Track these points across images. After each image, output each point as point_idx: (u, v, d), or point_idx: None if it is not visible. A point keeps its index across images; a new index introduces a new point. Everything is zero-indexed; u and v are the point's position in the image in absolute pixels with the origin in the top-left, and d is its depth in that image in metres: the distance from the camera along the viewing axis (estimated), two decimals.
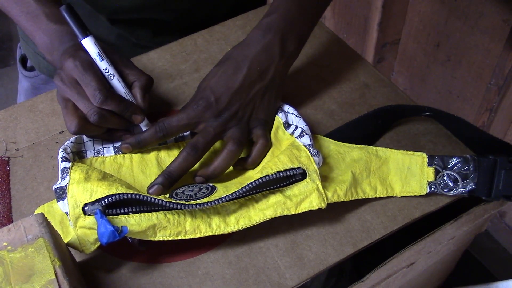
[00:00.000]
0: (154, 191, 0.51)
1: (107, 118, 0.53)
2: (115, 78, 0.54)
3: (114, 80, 0.54)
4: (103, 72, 0.54)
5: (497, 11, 0.95)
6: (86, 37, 0.53)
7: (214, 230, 0.49)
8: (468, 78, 1.10)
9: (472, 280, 0.86)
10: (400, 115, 0.62)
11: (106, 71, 0.54)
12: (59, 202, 0.48)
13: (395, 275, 0.54)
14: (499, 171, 0.54)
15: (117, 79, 0.54)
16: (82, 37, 0.53)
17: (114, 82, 0.54)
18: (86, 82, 0.52)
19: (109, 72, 0.54)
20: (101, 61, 0.53)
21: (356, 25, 1.32)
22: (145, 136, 0.55)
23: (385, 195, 0.55)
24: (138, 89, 0.56)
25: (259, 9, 0.78)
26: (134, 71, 0.56)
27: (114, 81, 0.54)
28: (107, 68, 0.54)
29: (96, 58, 0.53)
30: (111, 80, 0.54)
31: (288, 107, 0.58)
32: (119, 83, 0.55)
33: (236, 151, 0.54)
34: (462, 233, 0.59)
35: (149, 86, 0.57)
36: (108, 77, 0.54)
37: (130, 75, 0.56)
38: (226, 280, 0.50)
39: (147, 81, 0.56)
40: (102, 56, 0.53)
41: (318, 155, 0.52)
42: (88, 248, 0.48)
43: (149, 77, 0.57)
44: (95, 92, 0.51)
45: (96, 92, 0.51)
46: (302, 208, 0.51)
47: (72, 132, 0.54)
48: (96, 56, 0.53)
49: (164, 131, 0.54)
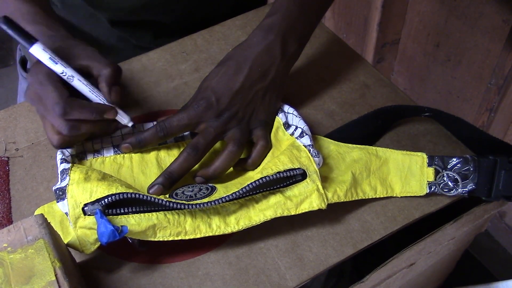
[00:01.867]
0: (154, 191, 0.51)
1: (79, 126, 0.51)
2: (75, 79, 0.52)
3: (74, 82, 0.52)
4: (61, 76, 0.51)
5: (497, 11, 0.95)
6: (32, 45, 0.50)
7: (214, 231, 0.49)
8: (468, 78, 1.10)
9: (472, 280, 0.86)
10: (400, 115, 0.62)
11: (64, 74, 0.51)
12: (59, 203, 0.48)
13: (395, 276, 0.54)
14: (499, 171, 0.53)
15: (77, 79, 0.52)
16: (29, 46, 0.50)
17: (75, 83, 0.52)
18: (45, 96, 0.50)
19: (67, 75, 0.51)
20: (56, 65, 0.51)
21: (356, 25, 1.32)
22: (145, 136, 0.55)
23: (385, 195, 0.55)
24: (104, 83, 0.53)
25: (259, 9, 0.78)
26: (98, 63, 0.53)
27: (75, 82, 0.52)
28: (63, 71, 0.51)
29: (49, 64, 0.51)
30: (71, 82, 0.52)
31: (288, 108, 0.58)
32: (81, 82, 0.52)
33: (236, 152, 0.54)
34: (462, 234, 0.59)
35: (115, 76, 0.53)
36: (68, 80, 0.51)
37: (94, 68, 0.53)
38: (226, 280, 0.50)
39: (112, 72, 0.53)
40: (55, 59, 0.51)
41: (318, 156, 0.52)
42: (88, 249, 0.48)
43: (114, 67, 0.53)
44: (53, 106, 0.49)
45: (55, 106, 0.49)
46: (302, 209, 0.50)
47: (56, 147, 0.53)
48: (49, 62, 0.50)
49: (165, 130, 0.54)
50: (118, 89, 0.53)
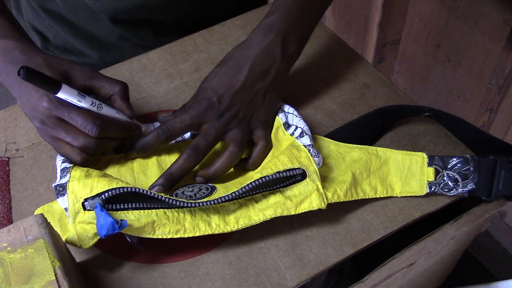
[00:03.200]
0: (155, 191, 0.51)
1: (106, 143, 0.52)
2: (104, 106, 0.52)
3: (103, 109, 0.52)
4: (90, 108, 0.51)
5: (497, 11, 0.95)
6: (59, 90, 0.49)
7: (213, 229, 0.49)
8: (468, 78, 1.10)
9: (472, 280, 0.86)
10: (400, 115, 0.62)
11: (93, 105, 0.51)
12: (59, 199, 0.48)
13: (395, 275, 0.54)
14: (499, 171, 0.53)
15: (105, 106, 0.53)
16: (56, 91, 0.49)
17: (104, 111, 0.52)
18: (74, 118, 0.50)
19: (96, 105, 0.52)
20: (85, 99, 0.51)
21: (356, 25, 1.32)
22: (148, 141, 0.55)
23: (385, 195, 0.55)
24: (120, 101, 0.54)
25: (259, 9, 0.78)
26: (106, 83, 0.54)
27: (104, 109, 0.52)
28: (93, 102, 0.51)
29: (78, 101, 0.50)
30: (100, 111, 0.52)
31: (288, 108, 0.58)
32: (108, 109, 0.53)
33: (237, 153, 0.54)
34: (462, 233, 0.59)
35: (127, 93, 0.55)
36: (98, 109, 0.52)
37: (103, 88, 0.53)
38: (226, 280, 0.50)
39: (124, 90, 0.54)
40: (82, 94, 0.50)
41: (318, 156, 0.52)
42: (86, 243, 0.48)
43: (122, 85, 0.54)
44: (87, 126, 0.50)
45: (90, 127, 0.50)
46: (302, 209, 0.50)
47: (81, 165, 0.52)
48: (78, 98, 0.50)
49: (167, 133, 0.54)
50: (131, 105, 0.55)
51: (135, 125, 0.55)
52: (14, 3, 0.84)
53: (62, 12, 0.77)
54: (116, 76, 0.67)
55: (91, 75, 0.53)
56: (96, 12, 0.74)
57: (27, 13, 0.82)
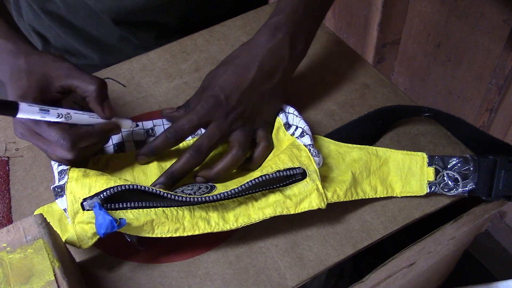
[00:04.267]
0: None
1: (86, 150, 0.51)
2: (72, 114, 0.50)
3: (73, 118, 0.50)
4: (58, 120, 0.49)
5: (497, 11, 0.95)
6: (17, 111, 0.46)
7: (212, 227, 0.49)
8: (468, 78, 1.10)
9: (472, 280, 0.86)
10: (401, 115, 0.62)
11: (60, 117, 0.49)
12: (57, 200, 0.48)
13: (395, 275, 0.54)
14: (499, 171, 0.53)
15: (73, 113, 0.50)
16: (14, 114, 0.47)
17: (74, 119, 0.50)
18: (44, 133, 0.49)
19: (63, 116, 0.49)
20: (48, 113, 0.48)
21: (356, 25, 1.32)
22: (157, 144, 0.54)
23: (385, 195, 0.55)
24: (94, 102, 0.51)
25: (259, 9, 0.78)
26: (81, 81, 0.51)
27: (73, 118, 0.50)
28: (59, 114, 0.49)
29: (42, 117, 0.48)
30: (69, 121, 0.50)
31: (289, 108, 0.58)
32: (78, 114, 0.51)
33: (240, 156, 0.54)
34: (462, 233, 0.59)
35: (102, 92, 0.52)
36: (66, 119, 0.50)
37: (78, 89, 0.51)
38: (226, 280, 0.50)
39: (99, 88, 0.51)
40: (45, 108, 0.48)
41: (318, 155, 0.52)
42: (85, 243, 0.47)
43: (98, 83, 0.51)
44: (58, 141, 0.48)
45: (61, 141, 0.48)
46: (302, 208, 0.50)
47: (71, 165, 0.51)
48: (41, 115, 0.48)
49: (176, 136, 0.54)
50: (109, 102, 0.53)
51: (110, 126, 0.53)
52: (14, 5, 0.84)
53: (62, 14, 0.77)
54: (116, 76, 0.67)
55: (66, 74, 0.51)
56: (98, 13, 0.74)
57: (27, 15, 0.82)
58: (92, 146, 0.52)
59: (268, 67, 0.55)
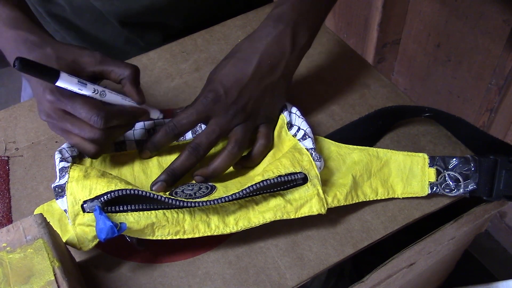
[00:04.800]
0: (157, 187, 0.51)
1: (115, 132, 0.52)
2: (107, 93, 0.51)
3: (107, 96, 0.51)
4: (93, 96, 0.50)
5: (497, 11, 0.95)
6: (58, 79, 0.47)
7: (212, 230, 0.49)
8: (469, 79, 1.10)
9: (472, 280, 0.86)
10: (401, 116, 0.62)
11: (95, 93, 0.50)
12: (58, 200, 0.48)
13: (395, 276, 0.54)
14: (500, 171, 0.53)
15: (108, 92, 0.51)
16: (54, 81, 0.48)
17: (108, 98, 0.51)
18: (76, 111, 0.49)
19: (99, 92, 0.50)
20: (86, 87, 0.49)
21: (357, 25, 1.32)
22: (158, 139, 0.55)
23: (386, 197, 0.55)
24: (130, 86, 0.52)
25: (259, 9, 0.78)
26: (116, 67, 0.52)
27: (107, 97, 0.51)
28: (95, 89, 0.50)
29: (79, 89, 0.49)
30: (103, 98, 0.51)
31: (292, 107, 0.58)
32: (112, 94, 0.52)
33: (237, 153, 0.53)
34: (462, 234, 0.59)
35: (137, 77, 0.53)
36: (101, 96, 0.51)
37: (113, 73, 0.52)
38: (226, 280, 0.50)
39: (134, 73, 0.52)
40: (83, 81, 0.49)
41: (320, 160, 0.52)
42: (86, 246, 0.48)
43: (134, 68, 0.53)
44: (92, 118, 0.48)
45: (94, 118, 0.48)
46: (302, 213, 0.50)
47: (93, 157, 0.52)
48: (78, 87, 0.49)
49: (175, 130, 0.54)
50: (141, 88, 0.54)
51: (141, 111, 0.54)
52: None
53: (68, 16, 0.76)
54: None
55: (100, 60, 0.52)
56: (104, 15, 0.74)
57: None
58: (120, 128, 0.52)
59: (269, 60, 0.54)
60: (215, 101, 0.53)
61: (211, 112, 0.54)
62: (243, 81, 0.54)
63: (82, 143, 0.51)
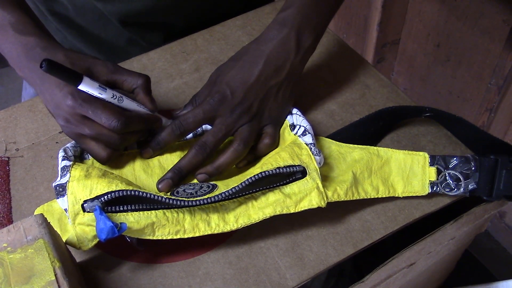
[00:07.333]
0: (163, 185, 0.51)
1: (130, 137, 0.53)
2: (125, 99, 0.53)
3: (124, 102, 0.53)
4: (111, 101, 0.51)
5: (497, 11, 0.95)
6: (81, 82, 0.49)
7: (213, 229, 0.49)
8: (468, 78, 1.10)
9: (472, 280, 0.86)
10: (401, 116, 0.62)
11: (114, 98, 0.51)
12: (59, 199, 0.48)
13: (395, 276, 0.54)
14: (500, 171, 0.53)
15: (125, 98, 0.53)
16: (78, 84, 0.49)
17: (125, 104, 0.53)
18: (95, 115, 0.50)
19: (117, 97, 0.52)
20: (106, 91, 0.51)
21: (356, 25, 1.32)
22: (163, 137, 0.55)
23: (387, 195, 0.55)
24: (143, 94, 0.54)
25: (258, 9, 0.78)
26: (128, 76, 0.54)
27: (124, 103, 0.53)
28: (114, 95, 0.51)
29: (99, 93, 0.50)
30: (121, 103, 0.52)
31: (292, 109, 0.58)
32: (129, 101, 0.53)
33: (241, 151, 0.54)
34: (462, 234, 0.59)
35: (149, 86, 0.55)
36: (118, 102, 0.52)
37: (126, 82, 0.54)
38: (226, 280, 0.50)
39: (147, 82, 0.54)
40: (103, 86, 0.51)
41: (319, 154, 0.52)
42: (85, 245, 0.48)
43: (145, 78, 0.54)
44: (111, 122, 0.49)
45: (113, 122, 0.49)
46: (302, 207, 0.50)
47: (105, 162, 0.53)
48: (99, 91, 0.50)
49: (181, 128, 0.54)
50: (153, 98, 0.55)
51: (156, 118, 0.55)
52: None
53: (70, 15, 0.76)
54: None
55: (113, 70, 0.53)
56: (106, 15, 0.74)
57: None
58: (136, 134, 0.53)
59: (274, 62, 0.56)
60: (222, 101, 0.54)
61: (217, 112, 0.54)
62: (249, 83, 0.55)
63: (96, 148, 0.52)
